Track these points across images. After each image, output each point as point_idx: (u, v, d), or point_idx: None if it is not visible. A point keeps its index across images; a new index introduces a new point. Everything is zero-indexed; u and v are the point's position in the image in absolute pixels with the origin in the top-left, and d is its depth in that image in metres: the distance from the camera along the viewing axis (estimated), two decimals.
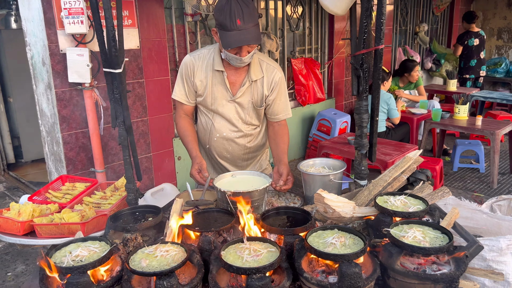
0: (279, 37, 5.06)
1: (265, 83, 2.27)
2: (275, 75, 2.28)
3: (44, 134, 3.41)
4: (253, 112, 2.33)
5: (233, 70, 2.23)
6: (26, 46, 3.27)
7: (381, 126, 5.25)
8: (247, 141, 2.40)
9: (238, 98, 2.26)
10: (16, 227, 1.87)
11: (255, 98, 2.28)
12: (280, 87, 2.31)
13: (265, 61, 2.29)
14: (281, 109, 2.36)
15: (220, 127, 2.33)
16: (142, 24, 3.55)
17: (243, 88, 2.24)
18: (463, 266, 1.36)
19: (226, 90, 2.25)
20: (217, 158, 2.44)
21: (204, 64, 2.24)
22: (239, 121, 2.33)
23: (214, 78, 2.23)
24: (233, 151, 2.40)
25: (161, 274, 1.32)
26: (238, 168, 2.45)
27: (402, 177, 2.03)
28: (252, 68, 2.23)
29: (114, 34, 1.78)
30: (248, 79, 2.23)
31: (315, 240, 1.48)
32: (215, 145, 2.39)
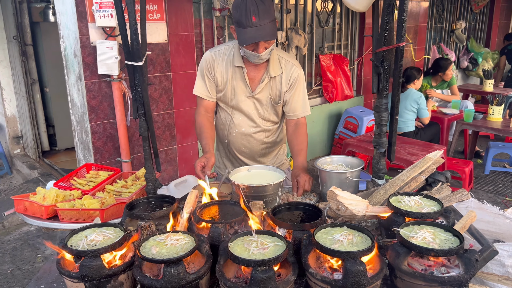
0: (307, 32, 5.03)
1: (284, 79, 2.28)
2: (293, 72, 2.28)
3: (75, 124, 3.54)
4: (271, 109, 2.34)
5: (252, 66, 2.25)
6: (60, 38, 3.40)
7: (410, 126, 5.15)
8: (265, 136, 2.42)
9: (257, 94, 2.28)
10: (40, 211, 1.97)
11: (273, 94, 2.30)
12: (298, 84, 2.30)
13: (284, 57, 2.30)
14: (299, 106, 2.34)
15: (239, 122, 2.36)
16: (170, 18, 3.62)
17: (262, 84, 2.26)
18: (472, 270, 1.33)
19: (246, 86, 2.27)
20: (235, 152, 2.47)
21: (224, 60, 2.26)
22: (257, 117, 2.35)
23: (234, 74, 2.26)
24: (251, 146, 2.42)
25: (169, 261, 1.36)
26: (255, 162, 2.47)
27: (420, 177, 2.00)
28: (271, 65, 2.24)
29: (136, 27, 1.84)
30: (267, 76, 2.25)
31: (322, 237, 1.48)
32: (233, 140, 2.42)
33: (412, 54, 6.49)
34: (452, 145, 5.33)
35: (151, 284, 1.37)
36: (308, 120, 5.08)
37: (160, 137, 3.81)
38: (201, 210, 1.75)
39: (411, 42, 4.72)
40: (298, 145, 2.35)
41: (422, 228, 1.49)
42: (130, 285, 1.51)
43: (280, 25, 4.75)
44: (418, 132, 5.20)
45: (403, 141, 4.53)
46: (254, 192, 1.91)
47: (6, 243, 3.92)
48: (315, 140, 5.35)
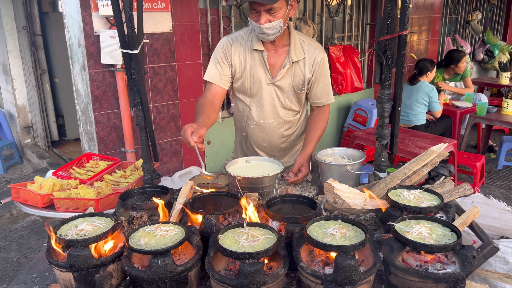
0: (317, 23, 4.94)
1: (307, 64, 2.15)
2: (317, 55, 2.16)
3: (79, 114, 3.55)
4: (294, 96, 2.22)
5: (272, 50, 2.14)
6: (65, 27, 3.40)
7: (421, 119, 5.04)
8: (285, 129, 2.31)
9: (278, 81, 2.16)
10: (37, 200, 1.97)
11: (296, 81, 2.18)
12: (322, 69, 2.18)
13: (306, 41, 2.18)
14: (323, 93, 2.23)
15: (257, 113, 2.25)
16: (175, 7, 3.58)
17: (283, 70, 2.13)
18: (468, 267, 1.28)
19: (266, 72, 2.15)
20: (253, 146, 2.36)
21: (243, 45, 2.15)
22: (279, 106, 2.23)
23: (252, 59, 2.14)
24: (270, 139, 2.32)
25: (156, 253, 1.34)
26: (275, 158, 2.32)
27: (422, 171, 1.94)
28: (292, 48, 2.11)
29: (131, 14, 1.80)
30: (289, 60, 2.12)
31: (315, 230, 1.44)
32: (251, 133, 2.32)
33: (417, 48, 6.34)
34: (464, 139, 5.20)
35: (138, 275, 1.35)
36: None
37: (165, 128, 3.80)
38: (194, 201, 1.73)
39: (415, 30, 4.59)
40: (314, 130, 2.26)
41: (419, 222, 1.44)
42: (120, 275, 1.50)
43: None
44: (429, 125, 5.09)
45: (413, 134, 4.44)
46: (250, 183, 1.87)
47: (13, 231, 3.97)
48: (324, 132, 5.28)
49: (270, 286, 1.32)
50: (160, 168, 3.84)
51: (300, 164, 2.11)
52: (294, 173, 2.10)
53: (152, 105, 3.66)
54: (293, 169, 2.10)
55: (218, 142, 4.22)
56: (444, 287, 1.30)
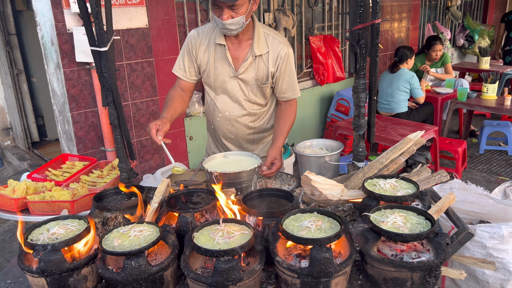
0: (296, 13, 4.91)
1: (270, 58, 2.15)
2: (281, 50, 2.15)
3: (57, 113, 3.48)
4: (258, 90, 2.23)
5: (235, 44, 2.14)
6: (37, 26, 3.32)
7: (403, 107, 5.07)
8: (251, 121, 2.32)
9: (241, 74, 2.17)
10: (10, 204, 1.93)
11: (259, 74, 2.18)
12: (286, 63, 2.17)
13: (271, 35, 2.17)
14: (289, 88, 2.23)
15: (222, 106, 2.27)
16: (150, 2, 3.52)
17: (246, 63, 2.14)
18: (442, 254, 1.28)
19: (229, 65, 2.16)
20: (221, 139, 2.39)
21: (207, 38, 2.16)
22: (242, 99, 2.24)
23: (216, 53, 2.16)
24: (236, 131, 2.33)
25: (129, 254, 1.32)
26: (242, 149, 2.38)
27: (400, 159, 1.94)
28: (256, 42, 2.11)
29: (97, 11, 1.76)
30: (252, 54, 2.13)
31: (291, 223, 1.43)
32: (218, 125, 2.34)
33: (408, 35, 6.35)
34: (446, 125, 5.25)
35: (112, 277, 1.33)
36: (300, 103, 5.00)
37: (145, 125, 3.75)
38: (171, 199, 1.71)
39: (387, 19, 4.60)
40: (283, 124, 2.23)
41: (394, 212, 1.44)
42: (95, 278, 1.47)
43: (267, 6, 4.64)
44: (411, 112, 5.12)
45: (395, 122, 4.46)
46: (228, 179, 1.85)
47: None
48: (307, 123, 5.28)
49: (247, 282, 1.31)
50: (142, 165, 3.80)
51: (273, 157, 2.09)
52: (267, 166, 2.07)
53: (131, 102, 3.61)
54: (266, 162, 2.08)
55: (200, 137, 4.18)
56: (420, 275, 1.30)
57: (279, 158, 2.12)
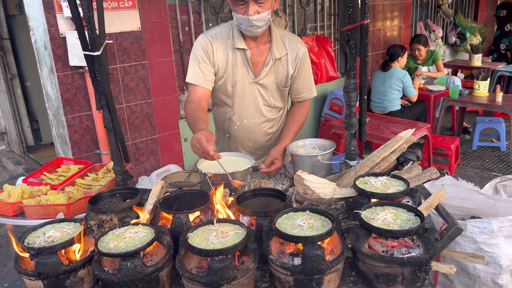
0: (288, 14, 4.94)
1: (290, 60, 2.11)
2: (298, 50, 2.12)
3: (51, 118, 3.49)
4: (277, 93, 2.19)
5: (254, 48, 2.07)
6: (30, 30, 3.33)
7: (396, 105, 5.12)
8: (269, 127, 2.27)
9: (262, 80, 2.11)
10: (6, 208, 1.94)
11: (279, 78, 2.14)
12: (304, 63, 2.14)
13: (287, 36, 2.13)
14: (305, 88, 2.21)
15: (240, 114, 2.19)
16: (143, 5, 3.53)
17: (267, 68, 2.08)
18: (432, 250, 1.31)
19: (248, 71, 2.09)
20: (238, 148, 2.31)
21: (223, 43, 2.06)
22: (262, 105, 2.18)
23: (234, 58, 2.06)
24: (255, 139, 2.27)
25: (124, 255, 1.33)
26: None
27: (391, 157, 1.97)
28: (274, 45, 2.06)
29: (90, 15, 1.78)
30: (272, 58, 2.07)
31: (284, 222, 1.45)
32: (235, 134, 2.26)
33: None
34: (439, 122, 5.30)
35: (108, 278, 1.35)
36: None
37: (139, 127, 3.76)
38: (165, 201, 1.73)
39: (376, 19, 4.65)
40: (292, 125, 2.23)
41: (384, 209, 1.47)
42: (92, 280, 1.49)
43: None
44: (404, 110, 5.17)
45: (388, 120, 4.50)
46: (222, 179, 1.87)
47: None
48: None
49: (241, 281, 1.34)
50: (137, 168, 3.82)
51: (274, 157, 2.10)
52: (267, 165, 2.09)
53: (125, 105, 3.62)
54: (266, 160, 2.09)
55: None
56: (410, 270, 1.33)
57: (280, 158, 2.12)
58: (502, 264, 1.88)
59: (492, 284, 1.93)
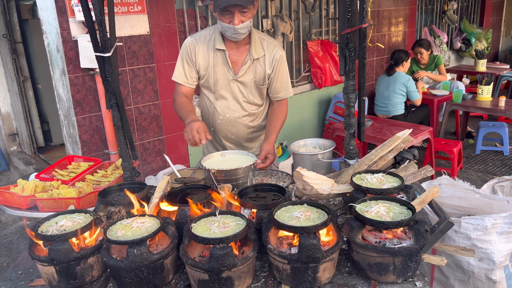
0: (294, 19, 5.04)
1: (267, 61, 2.30)
2: (275, 53, 2.30)
3: (62, 118, 3.60)
4: (256, 91, 2.36)
5: (234, 49, 2.26)
6: (43, 34, 3.45)
7: (399, 109, 5.18)
8: (250, 120, 2.44)
9: (241, 77, 2.29)
10: (20, 201, 2.04)
11: (257, 76, 2.31)
12: (281, 65, 2.33)
13: (265, 39, 2.31)
14: (282, 88, 2.38)
15: (223, 108, 2.38)
16: (151, 10, 3.65)
17: (245, 66, 2.27)
18: (422, 240, 1.38)
19: (228, 70, 2.28)
20: (222, 140, 2.49)
21: (205, 45, 2.27)
22: (241, 101, 2.36)
23: (215, 58, 2.27)
24: (237, 131, 2.45)
25: (132, 243, 1.42)
26: (242, 148, 2.49)
27: (388, 156, 2.04)
28: (253, 46, 2.25)
29: (101, 19, 1.87)
30: (250, 58, 2.26)
31: (282, 214, 1.53)
32: (219, 127, 2.44)
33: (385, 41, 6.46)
34: (442, 126, 5.35)
35: (116, 264, 1.43)
36: (298, 106, 5.13)
37: (147, 128, 3.87)
38: (171, 195, 1.81)
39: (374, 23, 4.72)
40: (276, 121, 2.37)
41: (378, 203, 1.54)
42: (101, 267, 1.58)
43: (265, 12, 4.76)
44: (407, 114, 5.22)
45: (391, 123, 4.56)
46: (225, 175, 1.96)
47: (2, 237, 4.01)
48: (306, 126, 5.39)
49: (241, 268, 1.42)
50: (144, 167, 3.92)
51: (267, 151, 2.23)
52: (262, 160, 2.21)
53: (133, 106, 3.73)
54: (260, 156, 2.22)
55: None
56: (401, 260, 1.40)
57: (273, 152, 2.26)
58: (495, 260, 1.94)
59: (486, 280, 1.98)
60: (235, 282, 1.41)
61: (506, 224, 1.91)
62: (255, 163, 2.18)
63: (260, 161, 2.19)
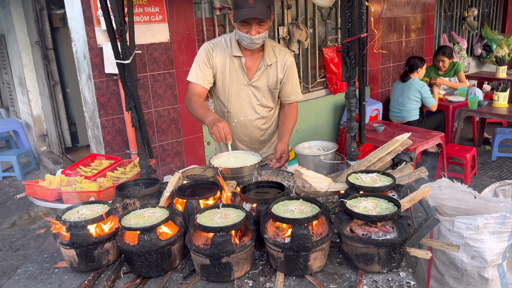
0: (309, 27, 5.18)
1: (279, 67, 2.48)
2: (287, 59, 2.49)
3: (87, 120, 3.85)
4: (269, 94, 2.53)
5: (249, 56, 2.43)
6: (72, 42, 3.71)
7: (413, 115, 5.23)
8: (262, 123, 2.59)
9: (255, 82, 2.46)
10: (47, 194, 2.25)
11: (270, 81, 2.48)
12: (291, 70, 2.51)
13: (277, 46, 2.50)
14: (293, 91, 2.56)
15: (237, 112, 2.53)
16: (172, 19, 3.87)
17: (259, 72, 2.44)
18: (404, 233, 1.51)
19: (243, 75, 2.44)
20: (236, 141, 2.62)
21: (222, 51, 2.42)
22: (255, 104, 2.52)
23: (231, 64, 2.43)
24: (251, 134, 2.59)
25: (142, 229, 1.60)
26: (254, 150, 2.60)
27: (386, 158, 2.16)
28: (266, 54, 2.43)
29: (122, 29, 2.08)
30: (264, 64, 2.43)
31: (279, 208, 1.68)
32: (233, 129, 2.56)
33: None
34: (457, 132, 5.36)
35: (128, 249, 1.61)
36: (313, 111, 5.25)
37: (166, 130, 4.08)
38: (181, 189, 1.98)
39: (373, 33, 4.80)
40: (288, 123, 2.54)
41: (367, 199, 1.67)
42: (116, 252, 1.76)
43: (281, 20, 4.92)
44: (422, 120, 5.27)
45: (403, 129, 4.64)
46: (231, 173, 2.12)
47: (31, 231, 4.28)
48: (321, 130, 5.51)
49: (239, 255, 1.57)
50: (163, 167, 4.12)
51: (282, 151, 2.39)
52: (277, 159, 2.37)
53: (154, 109, 3.95)
54: (276, 156, 2.38)
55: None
56: (385, 251, 1.53)
57: (287, 151, 2.42)
58: (487, 258, 2.03)
59: (478, 277, 2.07)
60: (234, 268, 1.57)
61: (497, 224, 2.00)
62: (270, 163, 2.35)
63: (276, 161, 2.35)
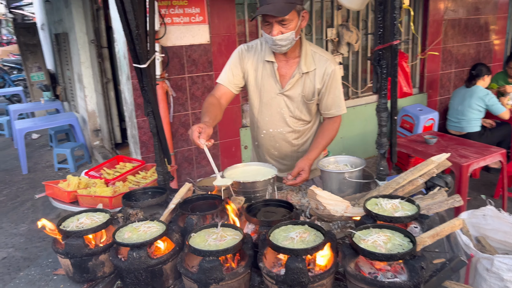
0: (361, 28, 4.90)
1: (317, 75, 2.21)
2: (327, 67, 2.20)
3: (127, 119, 3.91)
4: (303, 106, 2.28)
5: (283, 61, 2.22)
6: (115, 42, 3.77)
7: (474, 126, 4.78)
8: (294, 138, 2.36)
9: (287, 91, 2.24)
10: (64, 195, 2.26)
11: (306, 91, 2.24)
12: (332, 80, 2.22)
13: (317, 52, 2.23)
14: (334, 104, 2.27)
15: (266, 122, 2.34)
16: (212, 20, 3.80)
17: (293, 80, 2.21)
18: (416, 277, 1.29)
19: (276, 82, 2.24)
20: (265, 155, 2.45)
21: (256, 55, 2.26)
22: (287, 116, 2.30)
23: (264, 69, 2.25)
24: (280, 148, 2.38)
25: (133, 246, 1.51)
26: (286, 167, 2.41)
27: (418, 180, 1.93)
28: (303, 60, 2.19)
29: (137, 33, 2.01)
30: (299, 71, 2.20)
31: (279, 234, 1.52)
32: (262, 141, 2.41)
33: (419, 50, 5.95)
34: None
35: (118, 264, 1.54)
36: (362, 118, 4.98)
37: None
38: (186, 202, 1.88)
39: (406, 40, 4.36)
40: (321, 138, 2.27)
41: (380, 231, 1.46)
42: (112, 265, 1.70)
43: (331, 21, 4.70)
44: (484, 133, 4.80)
45: (460, 142, 4.22)
46: (243, 188, 1.99)
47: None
48: (369, 139, 5.20)
49: (229, 283, 1.43)
50: (198, 170, 4.08)
51: (300, 168, 2.14)
52: (294, 176, 2.14)
53: (191, 111, 3.91)
54: (293, 172, 2.14)
55: None
56: None
57: (307, 170, 2.16)
58: None
59: None
60: None
61: None
62: (284, 180, 2.15)
63: (292, 178, 2.12)
